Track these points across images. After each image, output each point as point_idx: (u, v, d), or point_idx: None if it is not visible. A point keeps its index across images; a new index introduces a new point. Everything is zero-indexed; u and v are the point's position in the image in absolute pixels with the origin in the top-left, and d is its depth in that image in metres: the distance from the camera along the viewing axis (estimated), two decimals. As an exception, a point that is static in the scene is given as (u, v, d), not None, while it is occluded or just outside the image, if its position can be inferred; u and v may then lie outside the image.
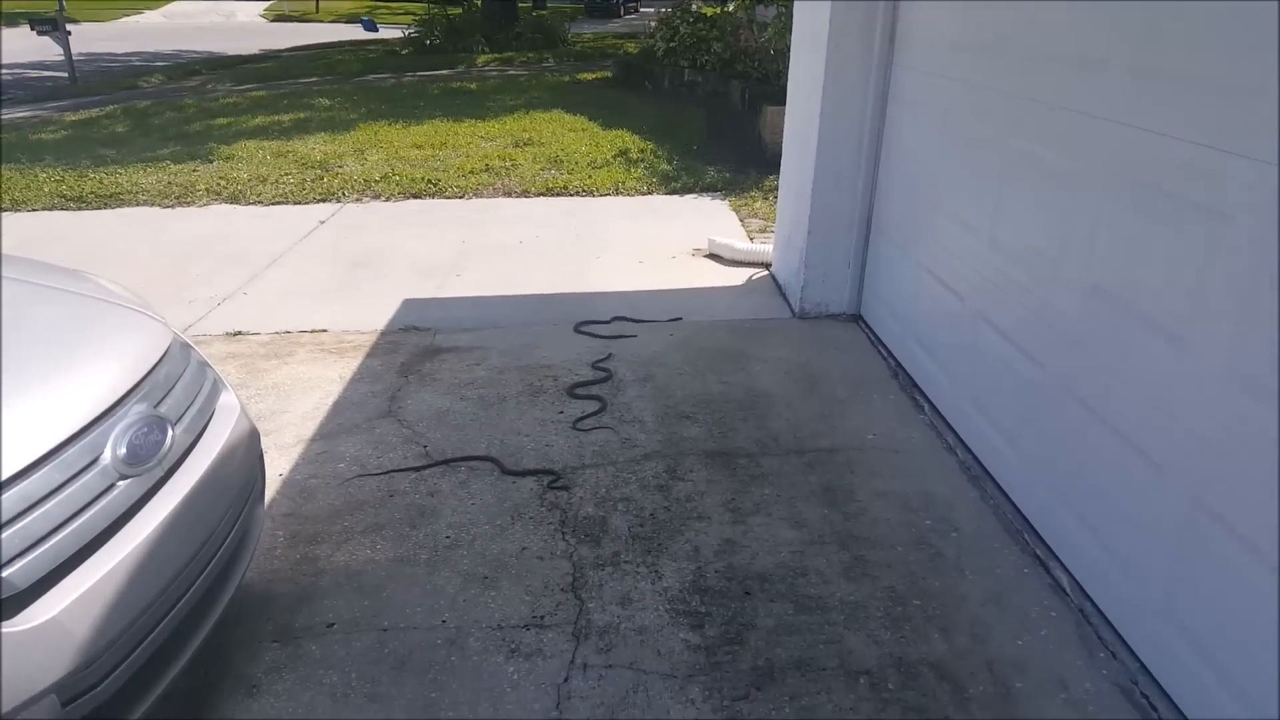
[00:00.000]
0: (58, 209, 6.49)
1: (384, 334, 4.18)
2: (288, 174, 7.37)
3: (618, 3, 40.13)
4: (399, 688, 2.10)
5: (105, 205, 6.56)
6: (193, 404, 1.96)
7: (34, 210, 6.44)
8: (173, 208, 6.53)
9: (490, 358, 3.92)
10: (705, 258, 5.40)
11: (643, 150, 8.25)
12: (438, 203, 6.72)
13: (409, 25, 21.30)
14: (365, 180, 7.14)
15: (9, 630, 1.39)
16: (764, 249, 5.29)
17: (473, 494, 2.90)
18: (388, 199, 6.77)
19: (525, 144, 8.65)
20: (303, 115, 10.44)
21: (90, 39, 16.76)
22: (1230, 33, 1.86)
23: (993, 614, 2.36)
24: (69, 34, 14.77)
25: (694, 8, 12.54)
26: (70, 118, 10.77)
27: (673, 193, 6.98)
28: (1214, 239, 1.89)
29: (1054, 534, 2.57)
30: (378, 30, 24.96)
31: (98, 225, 6.07)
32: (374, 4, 44.73)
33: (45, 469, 1.54)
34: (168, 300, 4.46)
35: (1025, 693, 2.09)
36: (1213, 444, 1.91)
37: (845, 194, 4.22)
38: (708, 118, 9.48)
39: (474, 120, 9.91)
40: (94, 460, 1.64)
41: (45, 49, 17.91)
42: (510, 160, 7.89)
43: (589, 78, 14.23)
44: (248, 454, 2.13)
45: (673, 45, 11.54)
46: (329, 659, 2.20)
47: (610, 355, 3.93)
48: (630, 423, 3.36)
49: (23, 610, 1.43)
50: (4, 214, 6.32)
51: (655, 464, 3.08)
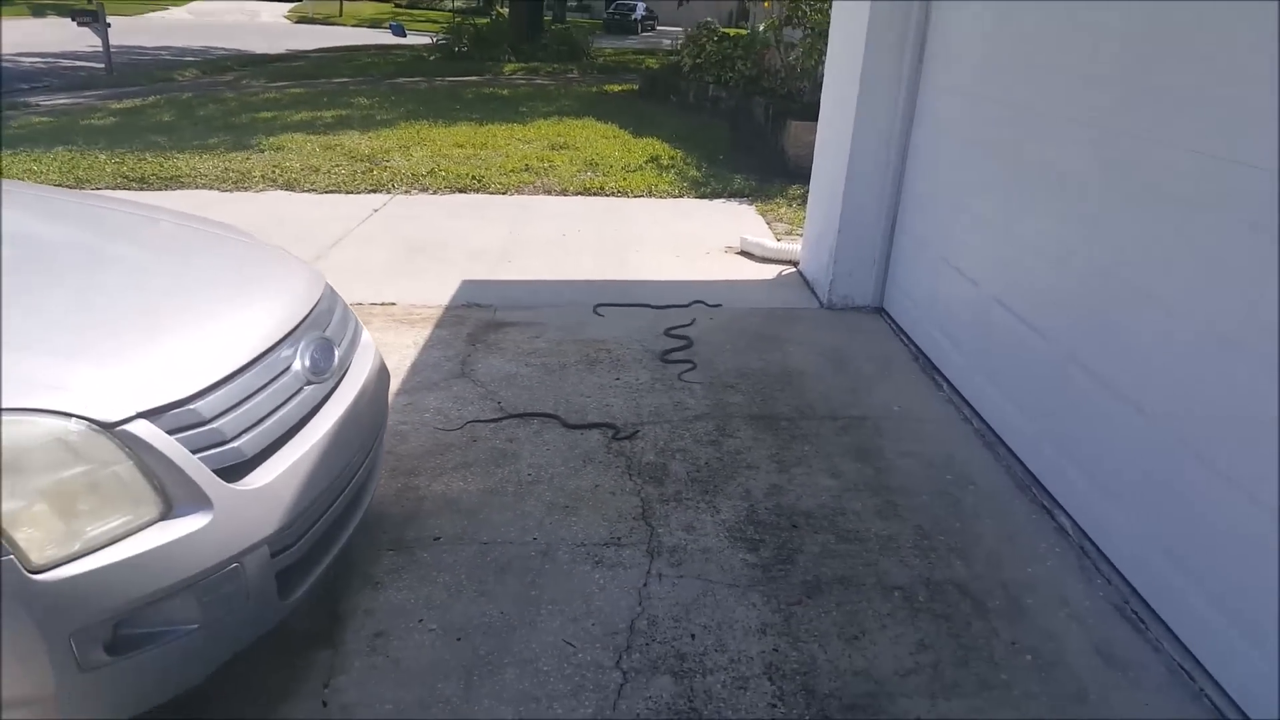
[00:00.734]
0: (121, 188, 6.89)
1: (448, 309, 4.57)
2: (338, 165, 7.78)
3: (636, 20, 40.78)
4: (503, 587, 2.47)
5: (167, 187, 6.97)
6: (346, 335, 2.34)
7: (98, 188, 6.84)
8: (231, 192, 6.94)
9: (548, 332, 4.30)
10: (737, 254, 5.79)
11: (672, 157, 8.66)
12: (482, 197, 7.13)
13: (436, 33, 21.82)
14: (413, 174, 7.55)
15: (240, 488, 1.77)
16: (792, 248, 5.68)
17: (546, 442, 3.27)
18: (435, 192, 7.17)
19: (561, 147, 9.06)
20: (343, 112, 10.87)
21: (120, 32, 17.22)
22: (1206, 62, 2.25)
23: (1006, 549, 2.73)
24: (109, 26, 15.26)
25: (713, 26, 13.02)
26: (115, 106, 11.20)
27: (702, 197, 7.38)
28: (1191, 228, 2.28)
29: (1059, 486, 2.94)
30: (405, 35, 25.48)
31: (163, 203, 6.45)
32: (396, 10, 45.38)
33: (258, 368, 1.92)
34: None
35: (1034, 607, 2.46)
36: (1193, 392, 2.29)
37: (873, 197, 4.62)
38: (732, 131, 9.89)
39: (510, 124, 10.35)
40: (287, 368, 2.02)
41: (74, 40, 18.48)
42: (548, 161, 8.30)
43: (616, 89, 14.68)
44: (380, 382, 2.50)
45: (699, 61, 11.98)
46: (439, 564, 2.56)
47: (693, 321, 4.49)
48: (680, 390, 3.73)
49: (248, 475, 1.81)
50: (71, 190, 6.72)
51: (706, 423, 3.45)
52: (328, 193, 7.05)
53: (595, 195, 7.32)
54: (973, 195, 3.72)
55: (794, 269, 5.53)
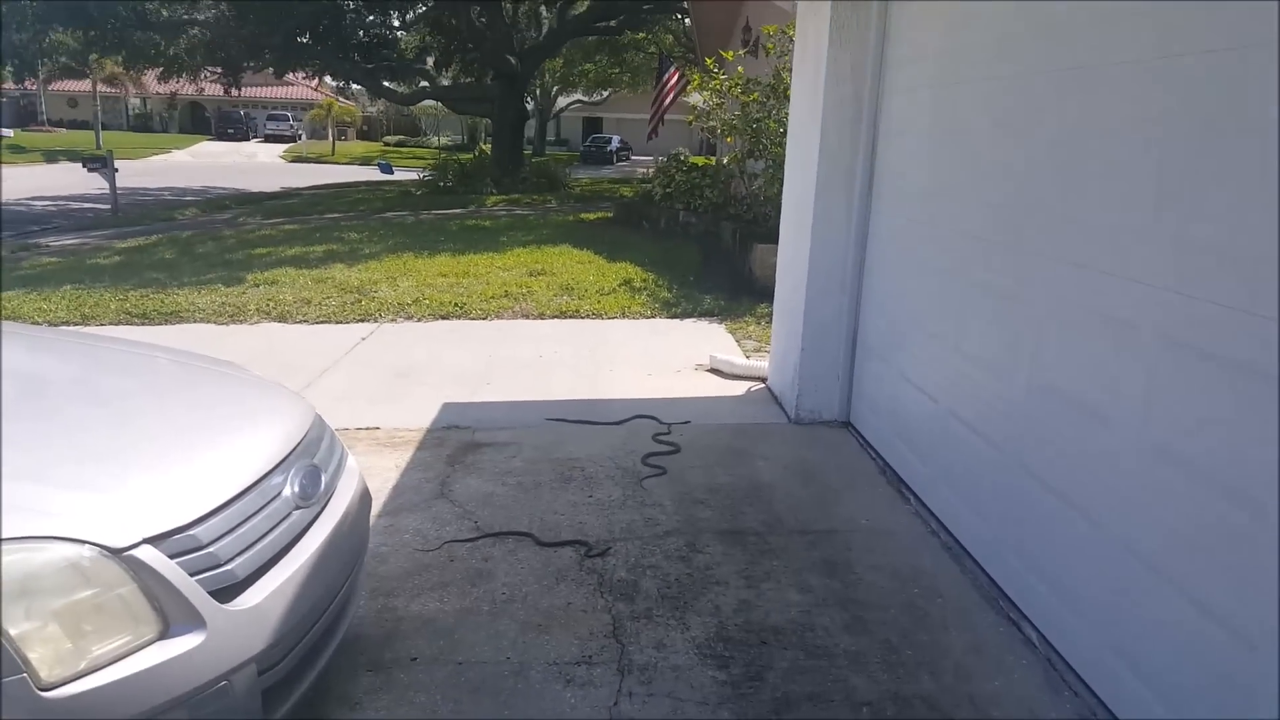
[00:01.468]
0: (124, 324, 7.10)
1: (430, 431, 4.72)
2: (328, 297, 8.06)
3: (611, 151, 42.62)
4: (477, 707, 2.53)
5: (167, 321, 7.20)
6: (333, 461, 2.49)
7: (102, 324, 7.06)
8: (227, 325, 7.17)
9: (524, 451, 4.45)
10: (707, 372, 6.02)
11: (645, 280, 9.03)
12: (464, 323, 7.39)
13: (423, 169, 22.78)
14: (399, 303, 7.83)
15: (232, 608, 1.88)
16: (760, 365, 5.92)
17: (521, 560, 3.38)
18: (420, 319, 7.44)
19: (539, 274, 9.43)
20: (334, 246, 11.28)
21: (125, 175, 17.92)
22: (1118, 190, 2.53)
23: (973, 661, 2.82)
24: (116, 170, 15.94)
25: (682, 158, 13.74)
26: (120, 245, 11.62)
27: (674, 316, 7.69)
28: (1125, 346, 2.50)
29: (1024, 597, 3.04)
30: (393, 172, 26.59)
31: (164, 339, 6.64)
32: (386, 148, 47.24)
33: (252, 494, 2.06)
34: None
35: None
36: (1133, 501, 2.45)
37: (833, 316, 4.89)
38: (702, 254, 10.33)
39: (491, 253, 10.76)
40: (279, 494, 2.16)
41: (82, 184, 19.20)
42: (526, 287, 8.64)
43: (592, 217, 15.30)
44: (362, 505, 2.63)
45: (669, 190, 12.60)
46: (416, 684, 2.63)
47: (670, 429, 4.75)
48: (651, 506, 3.86)
49: (239, 595, 1.92)
50: (77, 326, 6.94)
51: (676, 539, 3.57)
52: (319, 323, 7.29)
53: (571, 318, 7.61)
54: (924, 314, 3.97)
55: (762, 385, 5.75)
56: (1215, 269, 2.15)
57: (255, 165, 34.96)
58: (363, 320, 7.37)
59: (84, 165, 16.87)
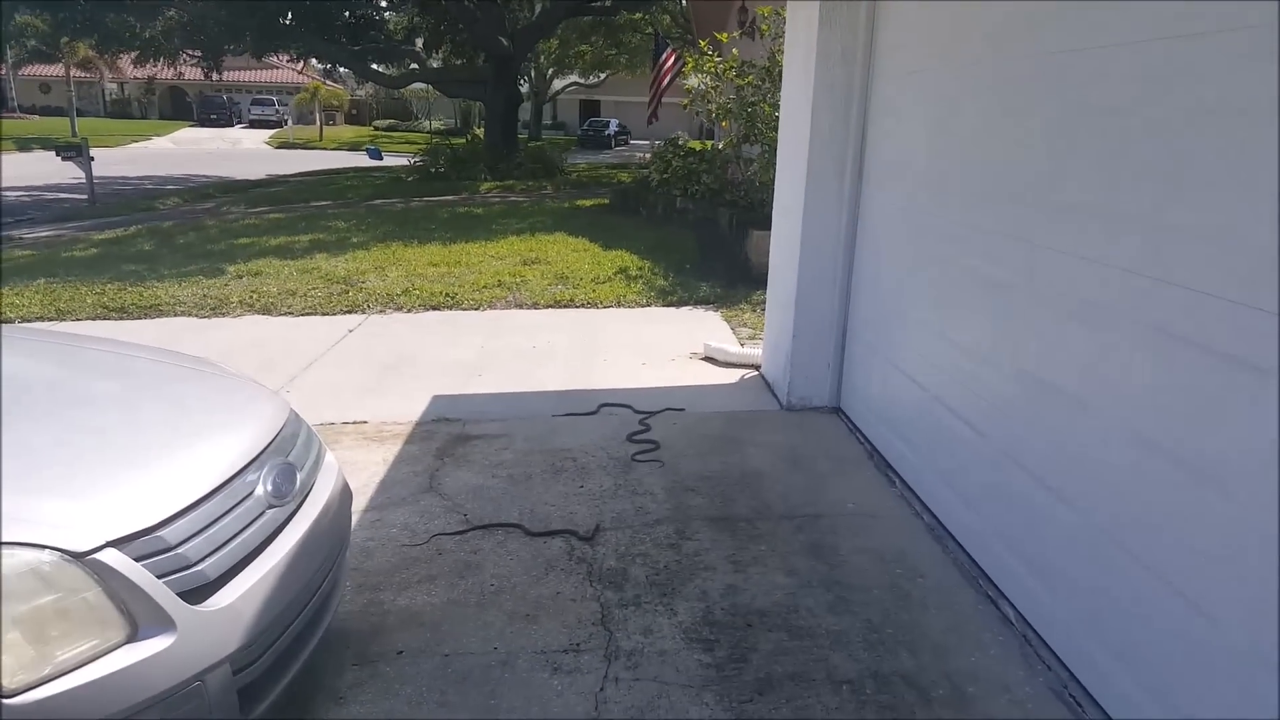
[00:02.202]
0: (101, 319, 7.07)
1: (419, 424, 4.71)
2: (314, 288, 8.03)
3: (610, 135, 42.39)
4: (463, 697, 2.54)
5: (146, 315, 7.16)
6: (309, 458, 2.48)
7: (79, 319, 7.02)
8: (209, 318, 7.14)
9: (515, 443, 4.44)
10: (701, 360, 6.00)
11: (641, 268, 8.99)
12: (456, 314, 7.37)
13: (414, 154, 22.62)
14: (388, 294, 7.80)
15: (203, 609, 1.87)
16: (754, 352, 5.91)
17: (510, 551, 3.38)
18: (409, 310, 7.41)
19: (533, 262, 9.39)
20: (321, 236, 11.23)
21: (103, 163, 17.76)
22: (1110, 178, 2.51)
23: (951, 639, 2.83)
24: (92, 159, 15.77)
25: (682, 142, 13.66)
26: (97, 237, 11.51)
27: (669, 305, 7.65)
28: (1104, 333, 2.49)
29: (1003, 577, 3.06)
30: (382, 158, 26.41)
31: (142, 334, 6.62)
32: (375, 133, 47.00)
33: (221, 495, 2.05)
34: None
35: (976, 695, 2.56)
36: (1114, 486, 2.45)
37: (824, 303, 4.87)
38: (699, 241, 10.29)
39: (484, 241, 10.72)
40: (251, 493, 2.15)
41: (57, 173, 19.02)
42: (520, 276, 8.60)
43: (588, 204, 15.24)
44: (342, 502, 2.62)
45: (666, 176, 12.53)
46: (402, 676, 2.64)
47: (649, 429, 4.66)
48: (642, 494, 3.86)
49: (211, 596, 1.92)
50: (51, 322, 6.90)
51: (666, 527, 3.57)
52: (304, 315, 7.26)
53: (565, 307, 7.58)
54: (912, 302, 3.96)
55: (756, 372, 5.74)
56: (1198, 256, 2.13)
57: (239, 152, 34.76)
58: (350, 312, 7.34)
59: (58, 154, 16.33)
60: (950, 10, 3.58)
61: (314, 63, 33.34)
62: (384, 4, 25.98)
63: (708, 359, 6.03)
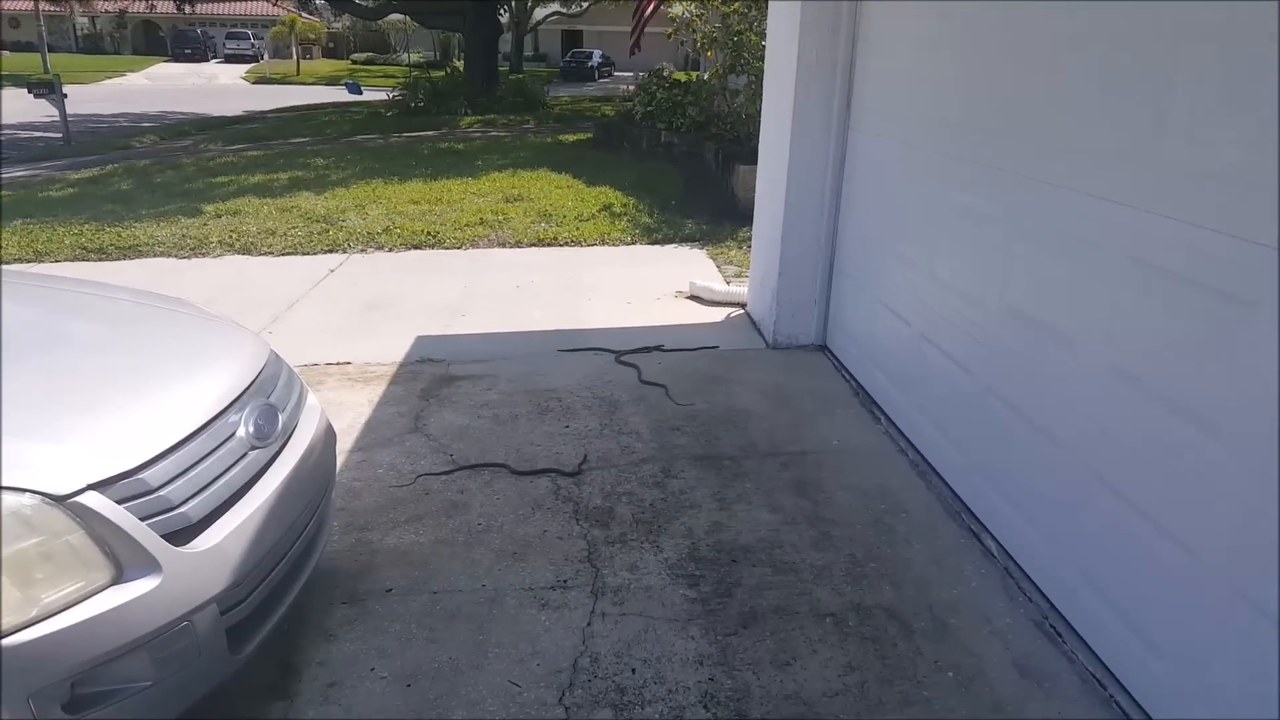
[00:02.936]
0: (80, 260, 6.95)
1: (403, 365, 4.68)
2: (294, 227, 7.90)
3: (593, 67, 41.49)
4: (452, 633, 2.57)
5: (125, 256, 7.04)
6: (291, 398, 2.46)
7: (57, 261, 6.90)
8: (189, 258, 7.03)
9: (500, 384, 4.43)
10: (687, 299, 5.97)
11: (625, 205, 8.88)
12: (438, 253, 7.28)
13: (392, 88, 22.11)
14: (368, 233, 7.69)
15: (188, 551, 1.87)
16: (740, 291, 5.88)
17: (496, 491, 3.39)
18: (391, 250, 7.32)
19: (515, 200, 9.27)
20: (300, 173, 11.02)
21: (76, 101, 17.28)
22: (1088, 107, 2.47)
23: (933, 572, 2.88)
24: (65, 96, 15.33)
25: (667, 73, 13.38)
26: (73, 176, 11.25)
27: (654, 243, 7.59)
28: (1090, 266, 2.48)
29: (986, 512, 3.10)
30: (362, 93, 25.78)
31: (121, 275, 6.52)
32: (353, 67, 45.88)
33: (203, 436, 2.04)
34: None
35: (958, 626, 2.61)
36: (1097, 421, 2.46)
37: (810, 240, 4.83)
38: (684, 176, 10.16)
39: (465, 178, 10.54)
40: (233, 434, 2.13)
41: (29, 111, 18.51)
42: (502, 214, 8.49)
43: (571, 139, 14.99)
44: (326, 442, 2.61)
45: (650, 109, 12.29)
46: (391, 614, 2.66)
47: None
48: (628, 434, 3.87)
49: (196, 538, 1.91)
50: (30, 264, 6.77)
51: (652, 466, 3.59)
52: (285, 255, 7.16)
53: (549, 246, 7.50)
54: (900, 237, 3.93)
55: (742, 311, 5.72)
56: (1184, 187, 2.10)
57: (216, 88, 33.93)
58: (331, 251, 7.24)
59: (29, 91, 15.90)
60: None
61: (290, -7, 32.32)
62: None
63: (693, 298, 6.00)
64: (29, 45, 44.90)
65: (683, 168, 10.55)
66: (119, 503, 1.75)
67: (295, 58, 45.14)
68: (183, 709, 1.91)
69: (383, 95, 22.57)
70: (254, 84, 36.53)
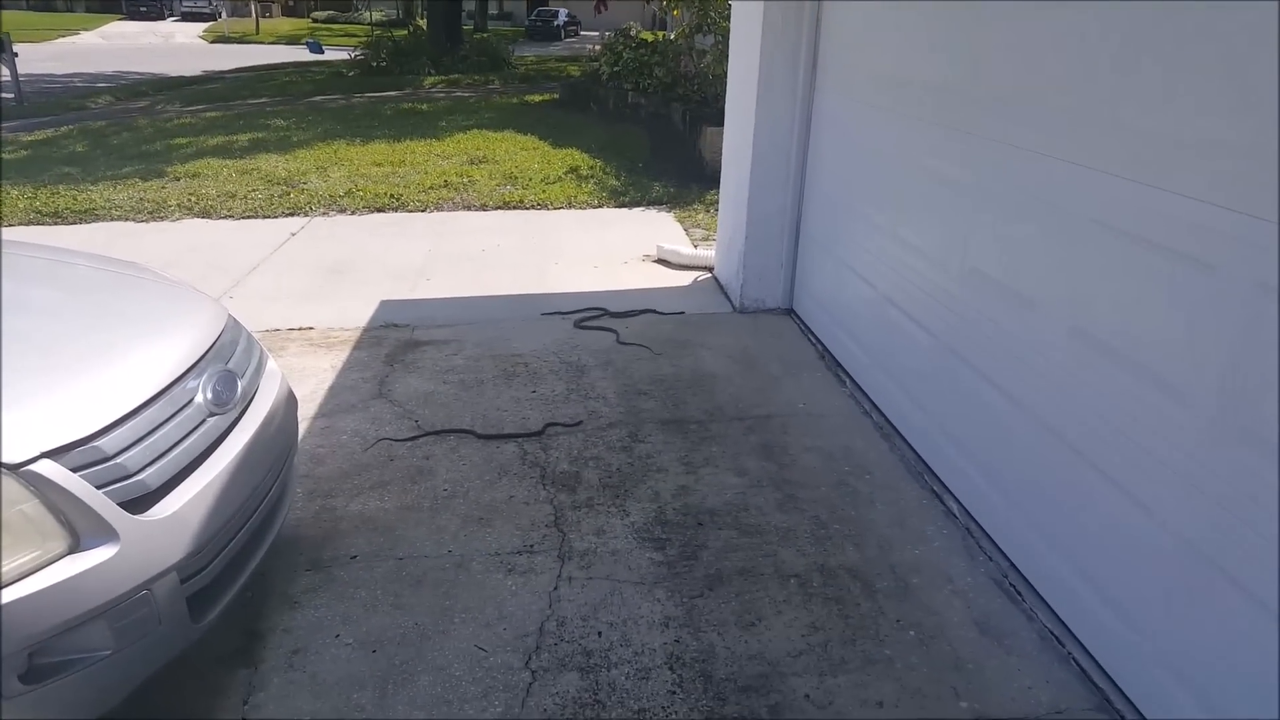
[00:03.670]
0: (34, 224, 6.76)
1: (366, 330, 4.63)
2: (255, 190, 7.73)
3: (559, 26, 40.82)
4: (418, 599, 2.57)
5: (81, 220, 6.85)
6: (250, 364, 2.42)
7: (10, 225, 6.71)
8: (147, 222, 6.86)
9: (466, 349, 4.40)
10: (654, 263, 5.95)
11: (592, 167, 8.80)
12: (401, 216, 7.17)
13: (354, 47, 21.61)
14: (330, 195, 7.55)
15: (146, 519, 1.84)
16: (707, 254, 5.86)
17: (463, 457, 3.38)
18: (353, 213, 7.19)
19: (480, 162, 9.13)
20: (260, 135, 10.76)
21: (28, 60, 16.68)
22: (1059, 71, 2.47)
23: (896, 532, 2.92)
24: (16, 55, 14.81)
25: (634, 33, 13.20)
26: (26, 138, 10.90)
27: (621, 206, 7.53)
28: (1050, 228, 2.49)
29: (948, 472, 3.15)
30: (323, 52, 25.15)
31: (77, 239, 6.36)
32: (315, 25, 44.74)
33: (160, 403, 2.00)
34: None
35: (919, 585, 2.65)
36: (1054, 381, 2.50)
37: (777, 202, 4.82)
38: (651, 138, 10.07)
39: (429, 140, 10.37)
40: (190, 400, 2.09)
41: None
42: (467, 177, 8.37)
43: (537, 99, 14.77)
44: (287, 408, 2.57)
45: (617, 70, 12.14)
46: (356, 581, 2.65)
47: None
48: (595, 399, 3.87)
49: (154, 506, 1.88)
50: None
51: (619, 430, 3.59)
52: (245, 218, 7.01)
53: (515, 209, 7.42)
54: (865, 200, 3.93)
55: (709, 274, 5.71)
56: (1144, 149, 2.12)
57: (173, 47, 32.93)
58: (292, 214, 7.11)
59: None
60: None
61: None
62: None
63: (660, 261, 5.98)
64: (-25, 1, 43.19)
65: (650, 129, 10.45)
66: (74, 470, 1.71)
67: (255, 15, 44.02)
68: (144, 678, 1.89)
69: (344, 55, 22.00)
70: (212, 43, 35.52)
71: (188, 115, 13.13)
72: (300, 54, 27.37)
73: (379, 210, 7.28)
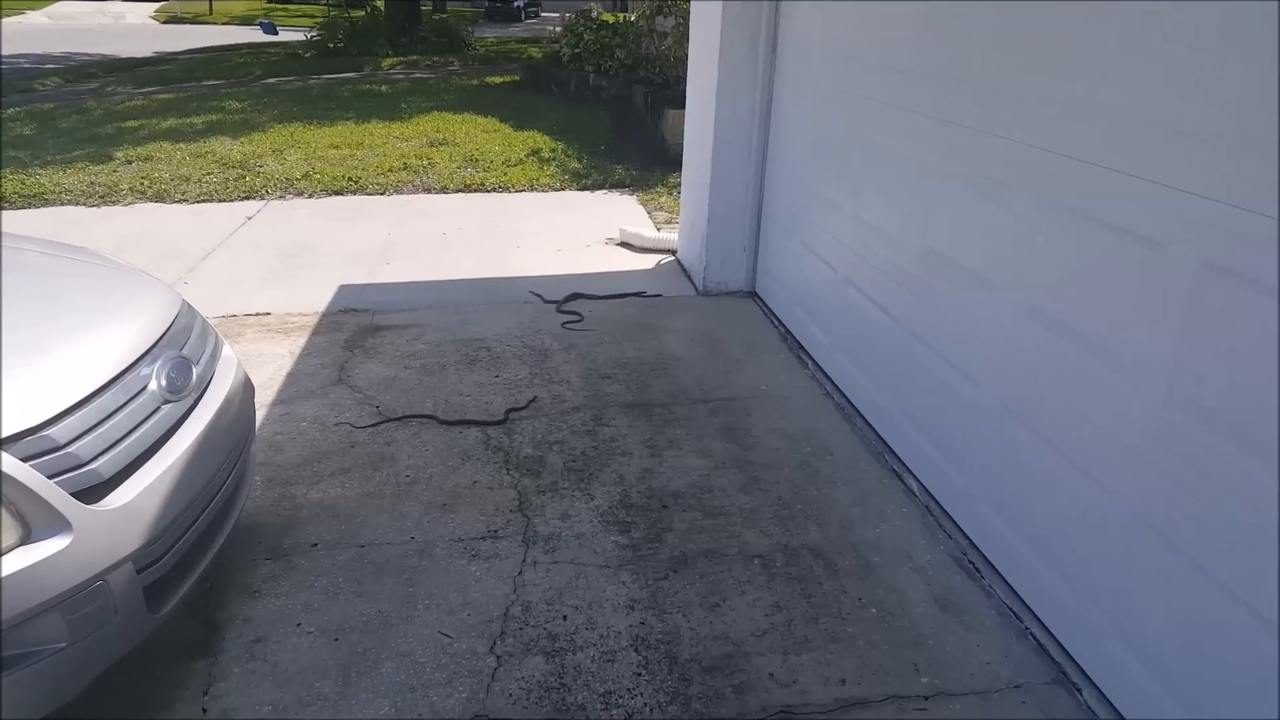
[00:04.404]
0: (-22, 209, 6.56)
1: (325, 315, 4.56)
2: (209, 173, 7.57)
3: (519, 6, 40.33)
4: (381, 586, 2.55)
5: (30, 205, 6.66)
6: (205, 351, 2.37)
7: (-48, 210, 6.50)
8: (98, 207, 6.68)
9: (427, 334, 4.35)
10: (617, 246, 5.94)
11: (554, 150, 8.73)
12: (360, 199, 7.07)
13: (310, 28, 21.16)
14: (287, 178, 7.41)
15: (99, 508, 1.80)
16: (670, 237, 5.86)
17: (425, 443, 3.35)
18: (310, 196, 7.07)
19: (440, 144, 9.02)
20: (214, 117, 10.51)
21: (-31, 40, 16.16)
22: (1012, 55, 2.50)
23: (857, 512, 2.96)
24: (-43, 35, 14.30)
25: (594, 14, 13.09)
26: (-33, 120, 10.55)
27: (584, 189, 7.50)
28: (1006, 209, 2.53)
29: (907, 452, 3.19)
30: (277, 33, 24.59)
31: (27, 224, 6.17)
32: (269, 5, 43.72)
33: (112, 390, 1.95)
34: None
35: (881, 564, 2.69)
36: (1011, 360, 2.54)
37: (739, 185, 4.82)
38: (613, 120, 10.02)
39: (388, 121, 10.21)
40: (144, 388, 2.05)
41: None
42: (427, 159, 8.27)
43: (497, 81, 14.60)
44: (245, 396, 2.53)
45: (578, 51, 12.03)
46: (317, 569, 2.62)
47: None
48: (559, 383, 3.85)
49: (107, 495, 1.84)
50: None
51: (583, 414, 3.59)
52: (199, 202, 6.86)
53: (476, 192, 7.35)
54: (825, 182, 3.95)
55: (673, 257, 5.71)
56: (1101, 132, 2.15)
57: (123, 28, 31.97)
58: (248, 198, 6.97)
59: None
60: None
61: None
62: None
63: (624, 244, 5.97)
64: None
65: (612, 111, 10.39)
66: (24, 460, 1.67)
67: (207, -6, 42.77)
68: (102, 670, 1.86)
69: (300, 35, 21.53)
70: (164, 23, 34.48)
71: (139, 97, 12.78)
72: (255, 35, 26.74)
73: (337, 193, 7.17)
